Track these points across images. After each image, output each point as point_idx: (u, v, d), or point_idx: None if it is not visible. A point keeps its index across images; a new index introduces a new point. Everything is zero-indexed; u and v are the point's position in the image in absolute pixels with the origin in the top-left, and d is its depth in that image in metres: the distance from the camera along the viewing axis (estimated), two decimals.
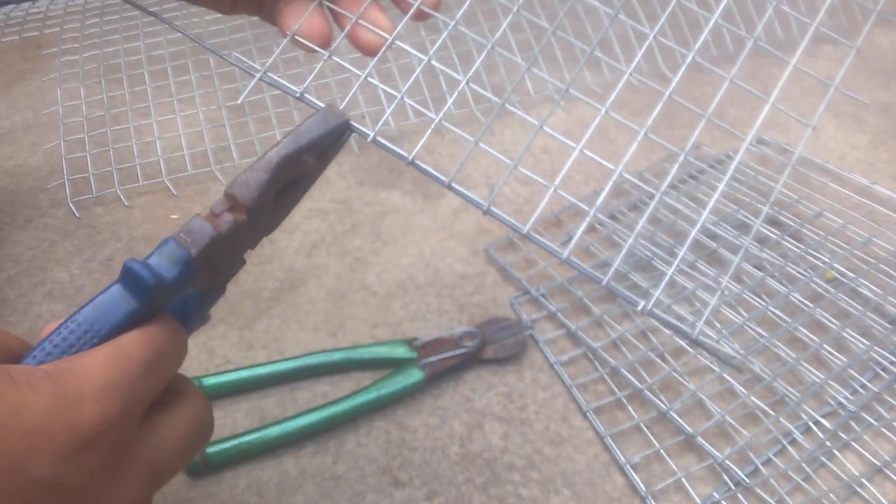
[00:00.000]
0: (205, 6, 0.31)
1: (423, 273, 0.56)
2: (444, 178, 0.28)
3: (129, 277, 0.26)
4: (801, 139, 0.29)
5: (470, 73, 0.30)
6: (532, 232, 0.27)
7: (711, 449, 0.44)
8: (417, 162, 0.28)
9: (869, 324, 0.52)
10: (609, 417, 0.47)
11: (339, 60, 0.31)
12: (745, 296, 0.53)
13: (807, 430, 0.46)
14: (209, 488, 0.42)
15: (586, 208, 0.27)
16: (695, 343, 0.24)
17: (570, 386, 0.48)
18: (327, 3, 0.31)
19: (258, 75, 0.29)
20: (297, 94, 0.29)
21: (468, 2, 0.33)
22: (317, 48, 0.30)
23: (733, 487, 0.43)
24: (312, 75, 0.31)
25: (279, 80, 0.29)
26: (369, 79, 0.31)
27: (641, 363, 0.49)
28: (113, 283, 0.26)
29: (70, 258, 0.55)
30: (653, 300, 0.24)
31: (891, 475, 0.44)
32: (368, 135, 0.29)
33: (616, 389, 0.48)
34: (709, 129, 0.71)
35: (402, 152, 0.28)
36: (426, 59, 0.30)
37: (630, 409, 0.47)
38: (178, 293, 0.27)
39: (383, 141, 0.29)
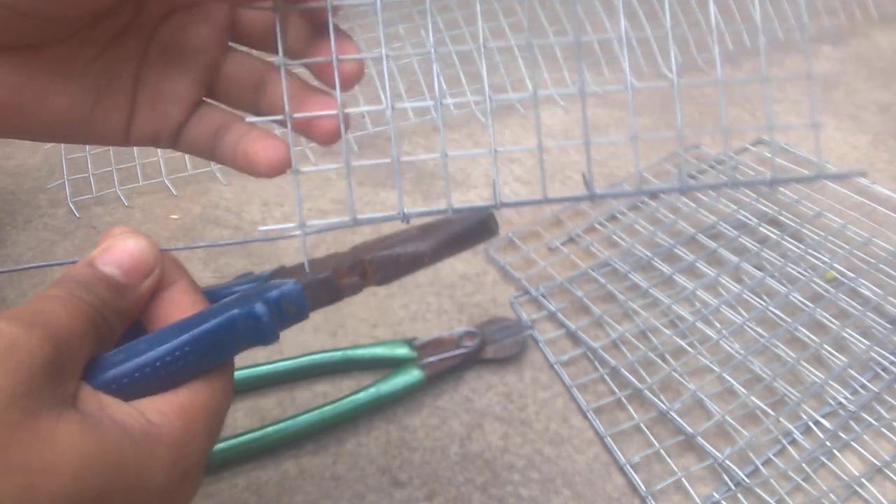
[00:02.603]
0: (98, 143, 0.29)
1: (422, 273, 0.56)
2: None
3: (253, 323, 0.25)
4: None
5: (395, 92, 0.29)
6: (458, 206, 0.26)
7: (711, 449, 0.44)
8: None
9: (869, 324, 0.52)
10: (609, 417, 0.47)
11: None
12: (745, 296, 0.53)
13: (807, 430, 0.46)
14: (208, 488, 0.42)
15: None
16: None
17: (570, 386, 0.48)
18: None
19: (300, 231, 0.26)
20: (402, 217, 0.26)
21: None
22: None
23: (733, 487, 0.43)
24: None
25: (324, 222, 0.26)
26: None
27: (641, 363, 0.49)
28: (231, 315, 0.25)
29: (70, 258, 0.55)
30: None
31: (891, 475, 0.44)
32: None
33: (616, 389, 0.48)
34: (709, 129, 0.71)
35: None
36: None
37: (630, 409, 0.47)
38: None
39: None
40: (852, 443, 0.46)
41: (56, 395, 0.21)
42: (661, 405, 0.46)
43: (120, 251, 0.25)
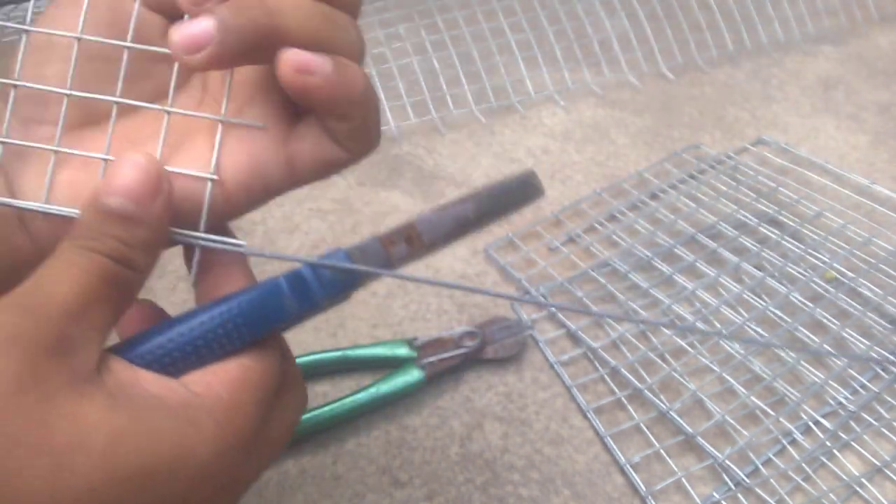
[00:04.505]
0: None
1: (423, 273, 0.56)
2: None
3: (300, 286, 0.24)
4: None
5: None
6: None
7: (711, 449, 0.44)
8: None
9: (869, 324, 0.52)
10: (609, 417, 0.47)
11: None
12: (745, 296, 0.53)
13: (807, 430, 0.46)
14: None
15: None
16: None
17: (570, 386, 0.48)
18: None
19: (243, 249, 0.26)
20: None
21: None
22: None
23: (733, 487, 0.43)
24: None
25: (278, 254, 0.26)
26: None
27: (641, 363, 0.49)
28: (276, 280, 0.24)
29: None
30: None
31: (891, 475, 0.44)
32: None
33: (616, 389, 0.48)
34: (709, 129, 0.71)
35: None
36: None
37: (630, 409, 0.47)
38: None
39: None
40: (852, 443, 0.46)
41: (72, 373, 0.20)
42: (661, 405, 0.46)
43: (121, 178, 0.22)
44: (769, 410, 0.46)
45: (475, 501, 0.42)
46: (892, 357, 0.50)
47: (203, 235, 0.25)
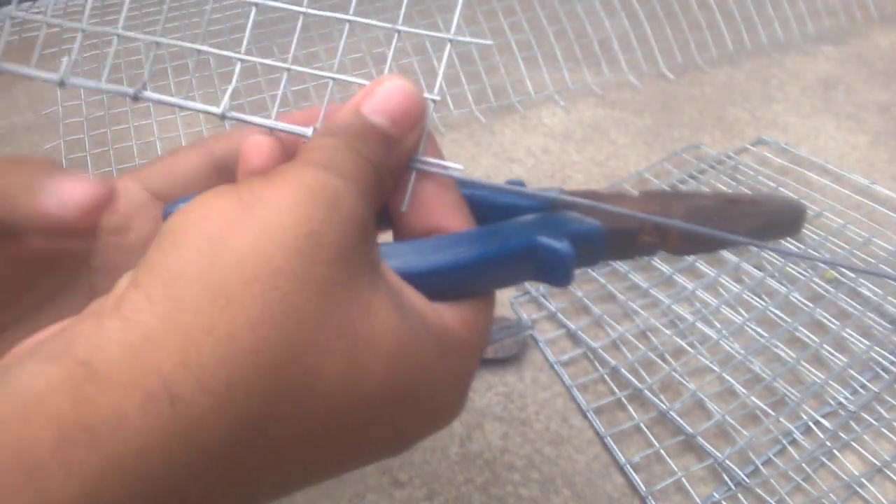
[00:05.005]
0: None
1: None
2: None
3: (554, 261, 0.23)
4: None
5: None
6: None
7: (711, 449, 0.44)
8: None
9: (869, 324, 0.52)
10: (609, 417, 0.47)
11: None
12: (745, 296, 0.53)
13: (807, 430, 0.46)
14: None
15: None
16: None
17: (570, 386, 0.48)
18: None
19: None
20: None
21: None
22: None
23: (733, 487, 0.43)
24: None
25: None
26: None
27: (641, 363, 0.49)
28: (540, 241, 0.23)
29: None
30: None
31: (891, 475, 0.44)
32: None
33: (616, 389, 0.48)
34: (709, 129, 0.71)
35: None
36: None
37: (630, 409, 0.47)
38: None
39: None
40: (852, 443, 0.46)
41: (370, 261, 0.19)
42: (661, 405, 0.46)
43: (385, 97, 0.22)
44: (769, 410, 0.46)
45: (475, 501, 0.42)
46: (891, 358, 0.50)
47: (426, 159, 0.23)
